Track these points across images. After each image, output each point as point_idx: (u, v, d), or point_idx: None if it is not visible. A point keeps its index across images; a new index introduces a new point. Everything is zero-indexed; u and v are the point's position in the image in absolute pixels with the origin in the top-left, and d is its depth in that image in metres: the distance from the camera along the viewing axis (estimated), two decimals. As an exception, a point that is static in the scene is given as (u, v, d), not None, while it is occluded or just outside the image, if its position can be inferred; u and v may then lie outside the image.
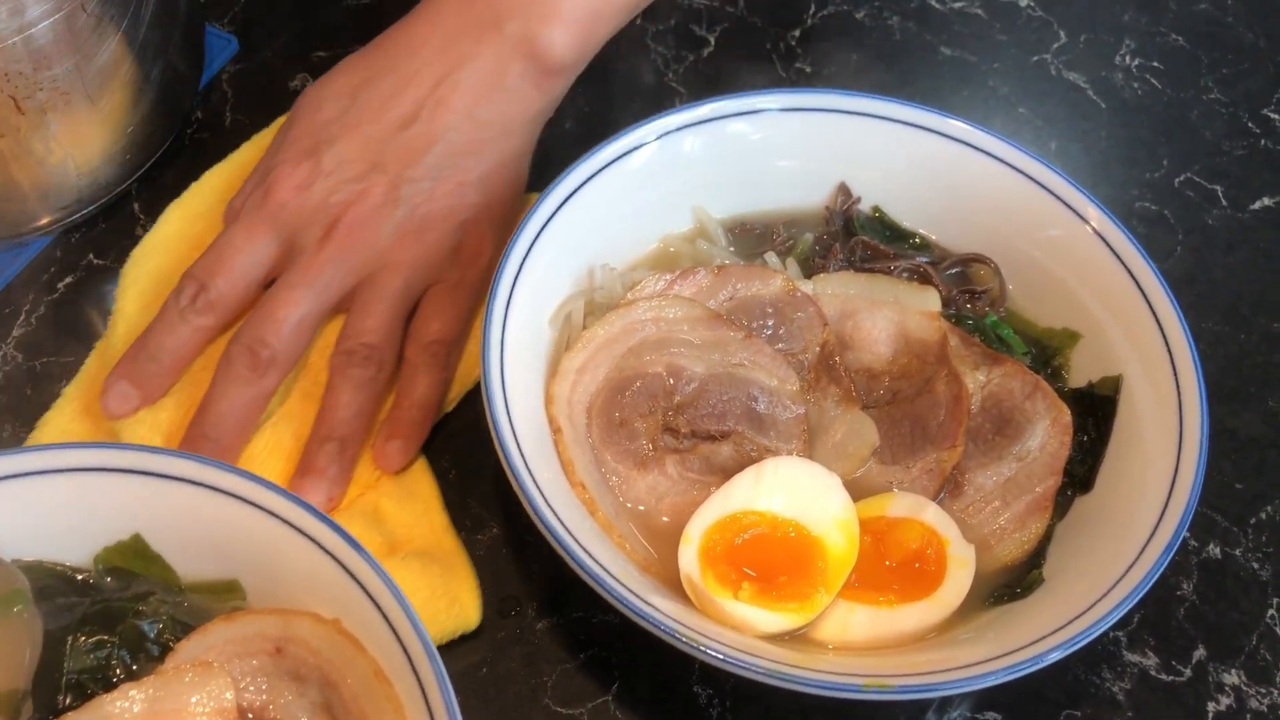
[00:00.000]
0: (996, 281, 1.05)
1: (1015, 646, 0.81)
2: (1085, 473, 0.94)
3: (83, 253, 1.10)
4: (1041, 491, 0.92)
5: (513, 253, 0.94)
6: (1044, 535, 0.92)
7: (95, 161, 1.04)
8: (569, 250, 0.99)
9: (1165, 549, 0.84)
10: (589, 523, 0.87)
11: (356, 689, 0.74)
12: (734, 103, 1.04)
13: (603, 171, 1.00)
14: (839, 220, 1.08)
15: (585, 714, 0.89)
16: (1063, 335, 1.02)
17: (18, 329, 1.05)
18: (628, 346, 0.95)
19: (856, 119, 1.04)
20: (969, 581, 0.88)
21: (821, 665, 0.81)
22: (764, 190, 1.08)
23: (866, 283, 1.01)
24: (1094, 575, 0.85)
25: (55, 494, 0.79)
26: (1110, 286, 0.98)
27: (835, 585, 0.87)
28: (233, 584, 0.81)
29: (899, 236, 1.08)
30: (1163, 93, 1.30)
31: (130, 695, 0.73)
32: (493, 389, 0.87)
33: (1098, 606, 0.82)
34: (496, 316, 0.91)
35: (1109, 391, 0.96)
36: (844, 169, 1.07)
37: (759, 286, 1.00)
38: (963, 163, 1.04)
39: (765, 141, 1.06)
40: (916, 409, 0.95)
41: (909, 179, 1.06)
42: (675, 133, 1.03)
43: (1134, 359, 0.95)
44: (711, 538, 0.87)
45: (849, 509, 0.89)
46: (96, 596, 0.80)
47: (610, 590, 0.79)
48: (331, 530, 0.77)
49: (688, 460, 0.93)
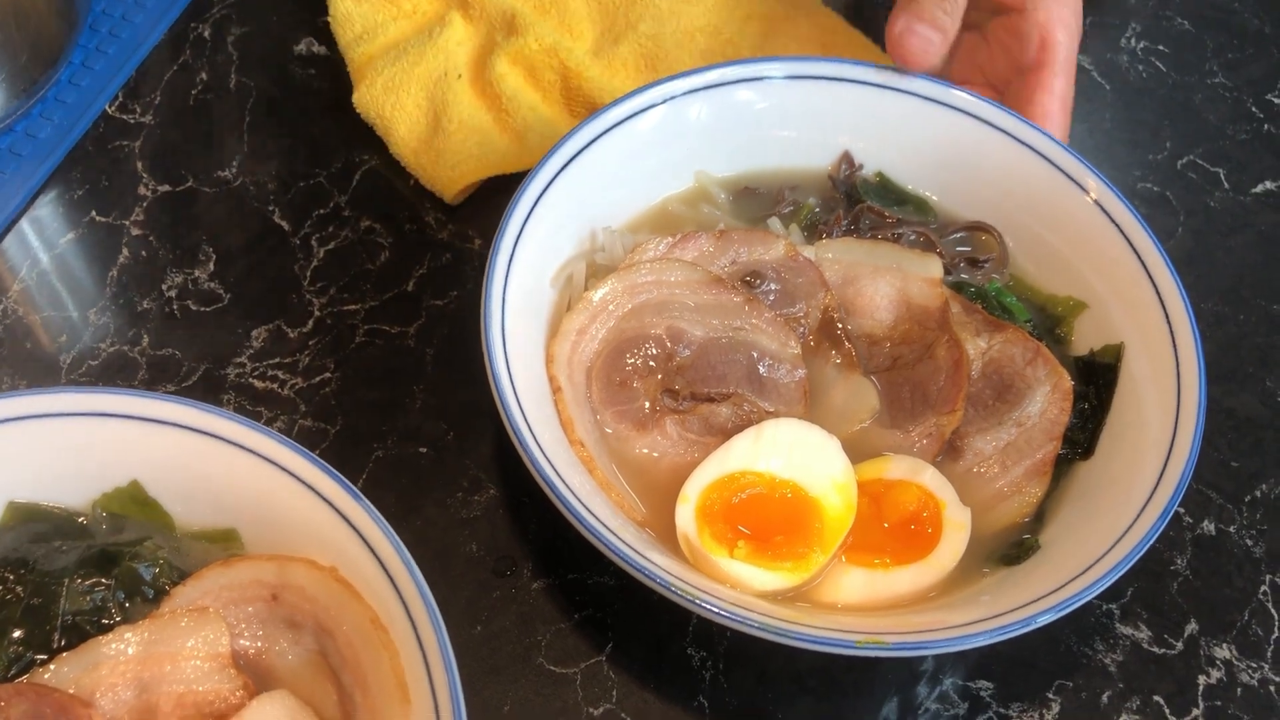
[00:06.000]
0: (1000, 249, 1.05)
1: (1007, 609, 0.81)
2: (1086, 439, 0.95)
3: (85, 209, 1.11)
4: (1041, 457, 0.92)
5: (515, 212, 0.94)
6: (1042, 500, 0.92)
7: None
8: (571, 212, 1.00)
9: (1158, 519, 0.84)
10: (588, 481, 0.88)
11: (352, 636, 0.74)
12: (739, 69, 1.04)
13: (607, 134, 1.00)
14: (842, 187, 1.07)
15: (579, 674, 0.89)
16: (1067, 303, 1.02)
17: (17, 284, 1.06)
18: (629, 308, 0.95)
19: (861, 88, 1.05)
20: (964, 544, 0.88)
21: (816, 622, 0.81)
22: (768, 156, 1.08)
23: (869, 249, 1.01)
24: (1089, 543, 0.85)
25: (55, 438, 0.79)
26: (1111, 256, 0.98)
27: (831, 546, 0.87)
28: (230, 532, 0.81)
29: (903, 200, 1.08)
30: (1167, 76, 1.30)
31: (125, 638, 0.74)
32: (493, 347, 0.87)
33: (1089, 573, 0.82)
34: (498, 275, 0.91)
35: (1110, 359, 0.97)
36: (848, 138, 1.07)
37: (761, 251, 1.00)
38: (966, 134, 1.04)
39: (769, 109, 1.06)
40: (917, 374, 0.95)
41: (913, 148, 1.07)
42: (681, 97, 1.03)
43: (1134, 327, 0.96)
44: (709, 497, 0.87)
45: (847, 471, 0.89)
46: (93, 540, 0.80)
47: (608, 544, 0.79)
48: (330, 478, 0.77)
49: (687, 421, 0.93)
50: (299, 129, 1.19)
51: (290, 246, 1.10)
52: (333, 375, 1.03)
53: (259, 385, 1.02)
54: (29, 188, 1.11)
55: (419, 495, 0.97)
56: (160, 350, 1.03)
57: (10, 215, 1.09)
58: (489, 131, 1.15)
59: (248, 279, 1.08)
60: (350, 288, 1.08)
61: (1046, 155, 1.02)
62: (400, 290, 1.09)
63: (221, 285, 1.07)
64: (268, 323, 1.05)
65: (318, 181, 1.15)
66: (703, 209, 1.06)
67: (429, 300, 1.08)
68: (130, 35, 1.22)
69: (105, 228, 1.11)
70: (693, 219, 1.06)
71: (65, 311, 1.05)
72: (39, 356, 1.02)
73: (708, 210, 1.06)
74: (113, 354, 1.02)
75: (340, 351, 1.04)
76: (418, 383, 1.03)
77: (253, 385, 1.02)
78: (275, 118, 1.20)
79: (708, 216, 1.06)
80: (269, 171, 1.15)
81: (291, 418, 1.00)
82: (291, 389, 1.02)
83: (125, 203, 1.12)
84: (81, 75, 1.19)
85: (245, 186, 1.14)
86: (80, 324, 1.04)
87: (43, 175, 1.12)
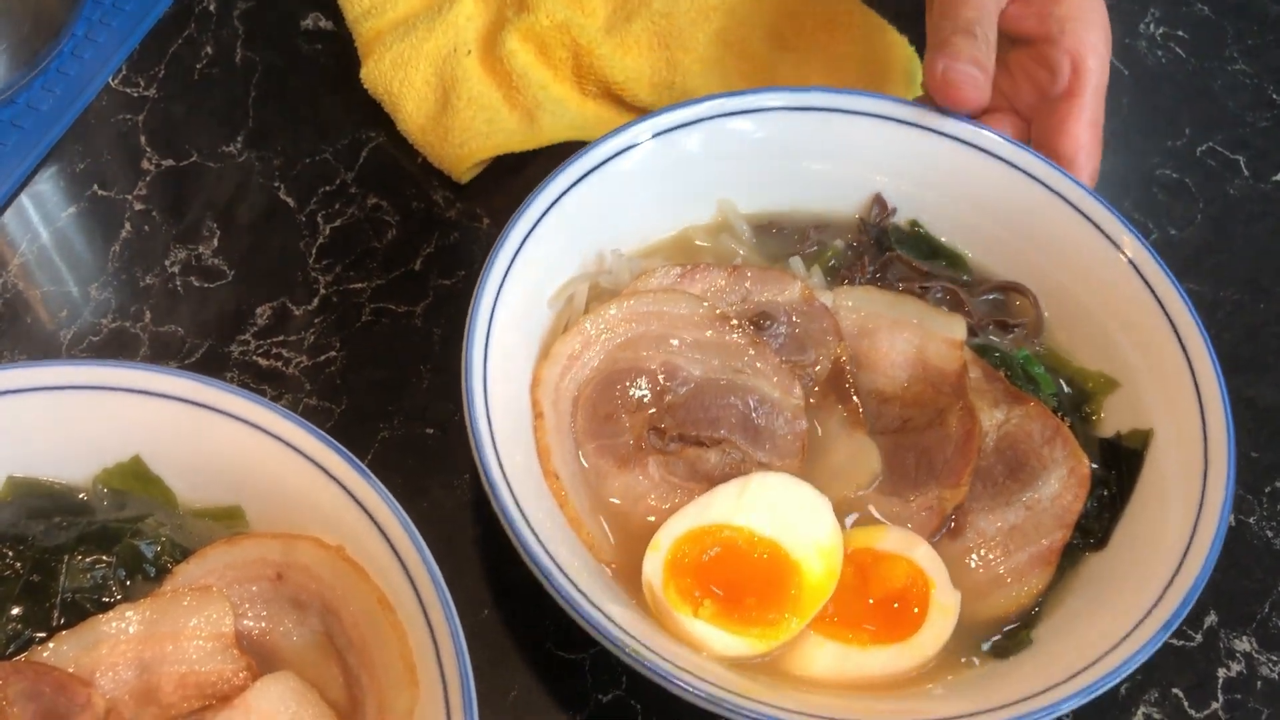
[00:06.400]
0: (1034, 314, 0.91)
1: (987, 707, 0.71)
2: (1101, 530, 0.81)
3: (87, 183, 1.02)
4: (1048, 545, 0.79)
5: (516, 225, 0.82)
6: (1042, 593, 0.79)
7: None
8: (582, 229, 0.87)
9: (1159, 631, 0.72)
10: (558, 516, 0.76)
11: (358, 616, 0.68)
12: (775, 96, 0.92)
13: (631, 150, 0.88)
14: (873, 233, 0.93)
15: (587, 660, 0.80)
16: (1098, 379, 0.87)
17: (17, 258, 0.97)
18: (626, 338, 0.84)
19: (899, 127, 0.92)
20: (949, 631, 0.76)
21: (771, 699, 0.70)
22: (796, 191, 0.95)
23: (891, 301, 0.87)
24: (1085, 645, 0.73)
25: (55, 412, 0.73)
26: (1147, 329, 0.85)
27: (807, 614, 0.74)
28: (234, 510, 0.75)
29: (936, 253, 0.93)
30: (1186, 62, 1.18)
31: (127, 616, 0.68)
32: (473, 364, 0.76)
33: (1078, 679, 0.72)
34: (489, 289, 0.79)
35: (1137, 445, 0.82)
36: (880, 177, 0.94)
37: (775, 291, 0.86)
38: (1006, 184, 0.90)
39: (803, 141, 0.93)
40: (925, 441, 0.83)
41: (950, 196, 0.93)
42: (713, 120, 0.90)
43: (1166, 414, 0.82)
44: (681, 548, 0.76)
45: (835, 536, 0.76)
46: (94, 517, 0.74)
47: (561, 590, 0.69)
48: (338, 455, 0.70)
49: (671, 463, 0.81)
50: (305, 105, 1.06)
51: (296, 223, 0.99)
52: (338, 354, 0.93)
53: (263, 363, 0.92)
54: (30, 160, 0.99)
55: (425, 476, 0.87)
56: (163, 327, 0.93)
57: (11, 188, 0.98)
58: (498, 109, 1.02)
59: (252, 255, 0.97)
60: (356, 266, 0.97)
61: (1083, 210, 0.88)
62: (407, 269, 0.98)
63: (226, 261, 0.97)
64: (272, 300, 0.95)
65: (324, 158, 1.03)
66: (723, 240, 0.92)
67: (436, 280, 0.97)
68: (134, 8, 1.09)
69: (107, 202, 0.99)
70: (711, 250, 0.91)
71: (66, 286, 0.95)
72: (39, 332, 0.92)
73: (728, 242, 0.92)
74: (114, 330, 0.93)
75: (346, 330, 0.94)
76: (425, 362, 0.93)
77: (257, 363, 0.92)
78: (281, 93, 1.07)
79: (727, 249, 0.91)
80: (274, 147, 1.03)
81: (296, 396, 0.91)
82: (296, 367, 0.92)
83: (128, 177, 1.00)
84: (84, 47, 1.06)
85: (250, 162, 1.02)
86: (81, 299, 0.94)
87: (44, 148, 1.00)
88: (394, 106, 1.05)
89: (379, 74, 1.05)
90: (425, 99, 1.05)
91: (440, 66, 1.04)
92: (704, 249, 0.92)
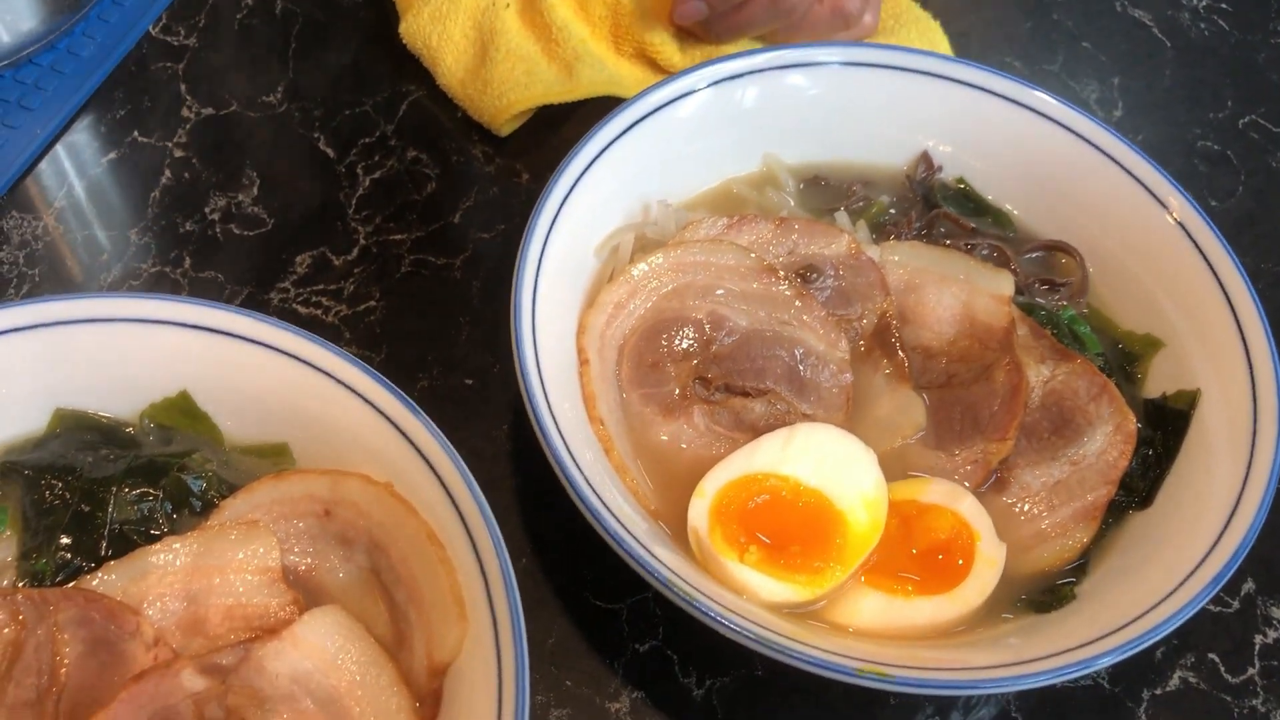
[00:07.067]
0: (1079, 274, 0.90)
1: (1034, 656, 0.71)
2: (1146, 488, 0.81)
3: (127, 129, 1.02)
4: (1092, 500, 0.79)
5: (563, 175, 0.82)
6: (1087, 547, 0.79)
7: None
8: (627, 180, 0.87)
9: (1207, 585, 0.72)
10: (603, 461, 0.76)
11: (406, 552, 0.68)
12: (823, 51, 0.91)
13: (676, 102, 0.87)
14: (919, 190, 0.93)
15: (625, 609, 0.81)
16: (1144, 341, 0.87)
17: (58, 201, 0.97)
18: (672, 287, 0.83)
19: (946, 84, 0.91)
20: (994, 582, 0.75)
21: (819, 642, 0.70)
22: (842, 147, 0.94)
23: (938, 256, 0.86)
24: (1130, 600, 0.73)
25: (103, 344, 0.73)
26: (1194, 289, 0.84)
27: (851, 563, 0.74)
28: (281, 447, 0.75)
29: (982, 210, 0.93)
30: (1230, 34, 1.17)
31: (174, 548, 0.68)
32: (521, 311, 0.76)
33: (1125, 630, 0.71)
34: (537, 236, 0.79)
35: (1183, 406, 0.82)
36: (928, 134, 0.94)
37: (822, 244, 0.86)
38: (1053, 143, 0.90)
39: (849, 97, 0.92)
40: (971, 395, 0.83)
41: (995, 155, 0.92)
42: (759, 74, 0.90)
43: (1213, 375, 0.82)
44: (726, 495, 0.76)
45: (880, 487, 0.76)
46: (141, 451, 0.74)
47: (613, 533, 0.69)
48: (387, 391, 0.69)
49: (716, 413, 0.81)
50: (344, 57, 1.06)
51: (335, 174, 0.99)
52: (378, 304, 0.93)
53: (303, 311, 0.92)
54: (71, 105, 0.99)
55: (464, 427, 0.87)
56: (202, 272, 0.93)
57: (51, 133, 0.98)
58: (537, 60, 1.02)
59: (292, 205, 0.97)
60: (396, 217, 0.97)
61: (1132, 171, 0.87)
62: (447, 222, 0.98)
63: (265, 210, 0.97)
64: (312, 249, 0.95)
65: (364, 110, 1.03)
66: (768, 194, 0.91)
67: (475, 233, 0.97)
68: (176, -47, 1.04)
69: (148, 149, 0.99)
70: (756, 203, 0.91)
71: (107, 230, 0.95)
72: (80, 274, 0.93)
73: (773, 196, 0.91)
74: (154, 274, 0.93)
75: (385, 280, 0.94)
76: (464, 314, 0.93)
77: (296, 311, 0.92)
78: (320, 45, 1.07)
79: (772, 202, 0.91)
80: (314, 98, 1.03)
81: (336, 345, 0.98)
82: (336, 316, 0.92)
83: (168, 124, 1.00)
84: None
85: (290, 113, 1.02)
86: (121, 243, 0.94)
87: (85, 94, 1.00)
88: (433, 60, 1.05)
89: (417, 28, 1.05)
90: (464, 52, 1.05)
91: (479, 20, 1.04)
92: (748, 201, 0.92)
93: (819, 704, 0.78)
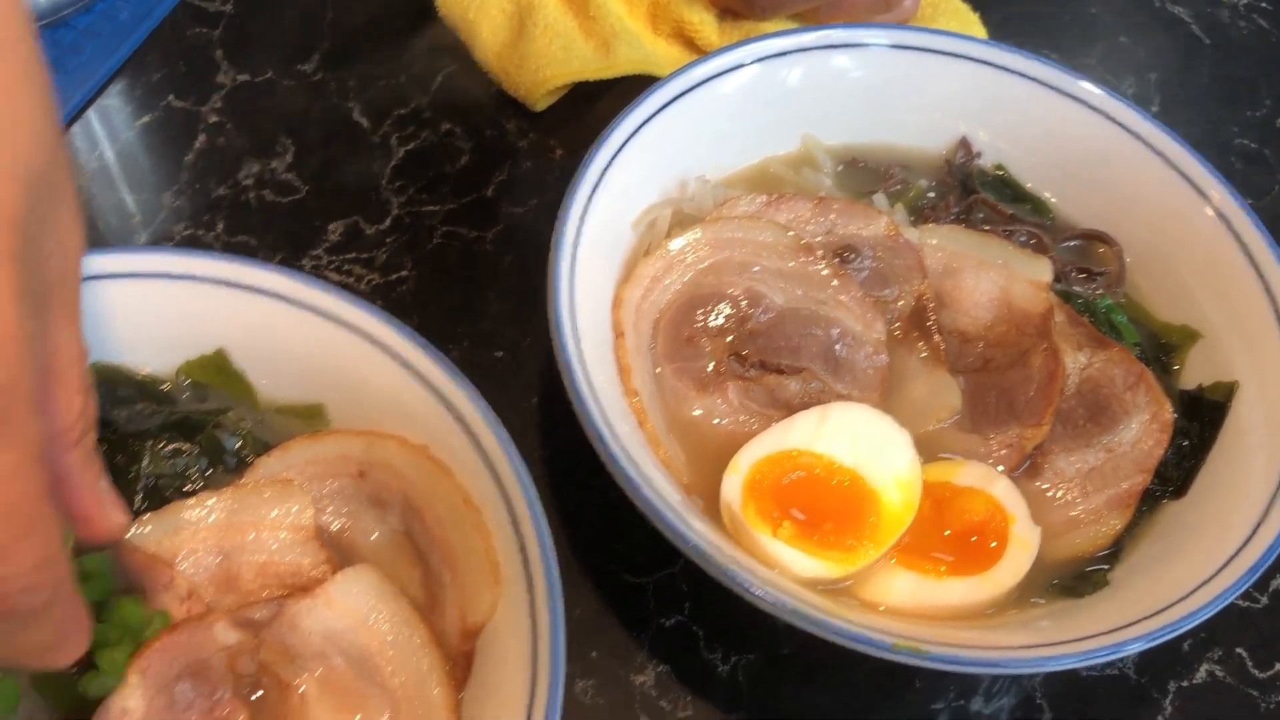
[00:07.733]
0: (1117, 264, 0.90)
1: (1066, 638, 0.71)
2: (1180, 478, 0.81)
3: (162, 93, 1.03)
4: (1127, 488, 0.79)
5: (602, 148, 0.82)
6: (1120, 534, 0.79)
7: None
8: (665, 156, 0.87)
9: (1245, 574, 0.71)
10: (637, 434, 0.76)
11: (442, 514, 0.68)
12: (864, 33, 0.92)
13: (716, 79, 0.87)
14: (958, 175, 0.93)
15: (651, 584, 0.81)
16: (1181, 332, 0.87)
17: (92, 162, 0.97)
18: (709, 263, 0.83)
19: (985, 69, 0.91)
20: (1028, 565, 0.75)
21: (852, 616, 0.70)
22: (881, 130, 0.94)
23: (977, 241, 0.86)
24: (1164, 587, 0.73)
25: (139, 299, 0.72)
26: (1233, 281, 0.84)
27: (884, 542, 0.75)
28: (316, 407, 0.74)
29: (1020, 198, 0.93)
30: (1270, 33, 1.17)
31: (209, 504, 0.68)
32: (560, 282, 0.75)
33: (1159, 616, 0.71)
34: (575, 208, 0.79)
35: (1220, 397, 0.82)
36: (968, 119, 0.94)
37: (860, 225, 0.86)
38: (1092, 131, 0.90)
39: (889, 80, 0.92)
40: (1007, 380, 0.83)
41: (1035, 142, 0.92)
42: (800, 53, 0.90)
43: (1251, 367, 0.82)
44: (760, 471, 0.76)
45: (914, 468, 0.76)
46: (176, 407, 0.74)
47: (649, 503, 0.69)
48: (425, 353, 0.69)
49: (750, 389, 0.81)
50: (381, 29, 1.07)
51: (370, 144, 0.99)
52: (410, 274, 0.93)
53: (335, 278, 0.92)
54: (106, 68, 0.99)
55: (494, 399, 0.81)
56: (235, 237, 0.93)
57: (86, 94, 0.98)
58: (573, 35, 1.02)
59: (326, 173, 0.97)
60: (429, 189, 0.97)
61: (1174, 162, 0.87)
62: (479, 195, 0.98)
63: (299, 177, 0.97)
64: (345, 218, 0.95)
65: (399, 82, 1.03)
66: (806, 174, 0.91)
67: (508, 207, 0.97)
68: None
69: (183, 113, 0.99)
70: (793, 183, 0.91)
71: (140, 194, 0.95)
72: (112, 236, 0.92)
73: (810, 176, 0.91)
74: (187, 238, 0.93)
75: (418, 251, 0.94)
76: (494, 287, 0.93)
77: (329, 278, 0.92)
78: (357, 16, 1.07)
79: (809, 183, 0.91)
80: (349, 69, 1.03)
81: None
82: (368, 284, 0.92)
83: (203, 89, 1.00)
84: (161, -41, 1.02)
85: (325, 82, 1.02)
86: (155, 206, 0.94)
87: (120, 57, 1.00)
88: (470, 34, 1.05)
89: (455, 2, 1.05)
90: (501, 26, 1.05)
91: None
92: (785, 181, 0.91)
93: (845, 682, 0.78)
